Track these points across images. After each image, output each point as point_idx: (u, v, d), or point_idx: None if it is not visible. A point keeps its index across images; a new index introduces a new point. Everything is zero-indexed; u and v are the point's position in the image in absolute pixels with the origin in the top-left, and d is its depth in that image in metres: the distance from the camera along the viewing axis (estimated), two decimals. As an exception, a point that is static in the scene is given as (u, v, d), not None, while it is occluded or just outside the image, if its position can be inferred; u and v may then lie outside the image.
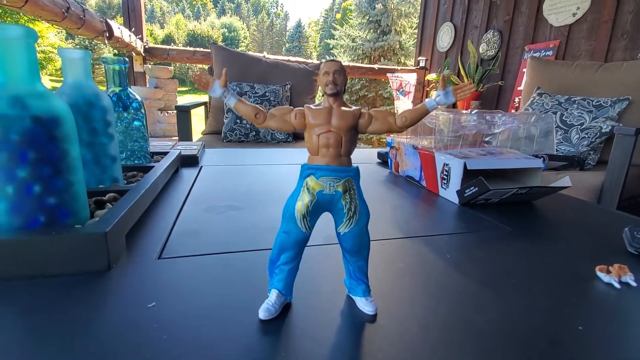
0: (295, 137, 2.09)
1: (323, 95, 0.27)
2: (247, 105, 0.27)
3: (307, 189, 0.26)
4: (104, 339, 0.25)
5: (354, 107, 0.27)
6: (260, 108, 0.27)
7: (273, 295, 0.28)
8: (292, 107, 0.27)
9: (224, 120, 1.97)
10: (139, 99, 0.66)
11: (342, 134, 0.25)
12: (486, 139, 0.75)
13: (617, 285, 0.35)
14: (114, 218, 0.36)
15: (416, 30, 4.45)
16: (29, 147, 0.33)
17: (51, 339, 0.25)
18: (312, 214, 0.26)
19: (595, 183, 1.36)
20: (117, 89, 0.63)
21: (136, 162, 0.66)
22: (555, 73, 1.94)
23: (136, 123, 0.65)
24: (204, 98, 2.41)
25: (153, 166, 0.61)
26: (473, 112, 0.66)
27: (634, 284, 0.35)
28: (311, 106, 0.26)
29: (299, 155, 1.01)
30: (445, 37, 3.62)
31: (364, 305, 0.29)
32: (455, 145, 0.67)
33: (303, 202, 0.26)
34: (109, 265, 0.34)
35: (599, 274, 0.37)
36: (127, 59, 0.64)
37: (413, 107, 0.26)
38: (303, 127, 0.26)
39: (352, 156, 0.27)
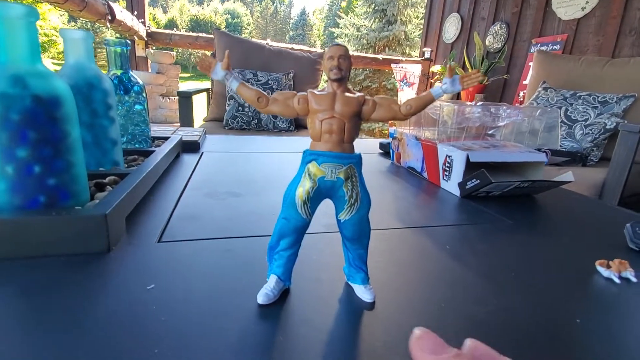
0: (297, 126, 2.08)
1: (327, 81, 0.26)
2: (250, 88, 0.26)
3: (309, 174, 0.25)
4: (103, 319, 0.25)
5: (358, 94, 0.26)
6: (263, 92, 0.26)
7: (272, 280, 0.28)
8: (295, 92, 0.26)
9: (226, 108, 1.96)
10: (141, 82, 0.65)
11: (345, 120, 0.25)
12: (490, 132, 0.74)
13: (616, 280, 0.35)
14: (114, 200, 0.36)
15: (422, 21, 4.39)
16: (29, 127, 0.33)
17: (50, 319, 0.25)
18: (313, 200, 0.26)
19: (597, 180, 1.36)
20: (118, 72, 0.62)
21: (137, 146, 0.66)
22: (561, 67, 1.91)
23: (137, 107, 0.64)
24: (207, 84, 2.40)
25: (154, 151, 0.61)
26: (478, 104, 0.66)
27: (634, 279, 0.35)
28: (315, 91, 0.26)
29: (300, 144, 1.01)
30: (451, 28, 3.57)
31: (363, 293, 0.29)
32: (458, 137, 0.66)
33: (304, 188, 0.26)
34: (109, 247, 0.34)
35: (599, 268, 0.37)
36: (129, 42, 0.63)
37: (418, 95, 0.26)
38: (306, 112, 0.26)
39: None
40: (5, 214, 0.33)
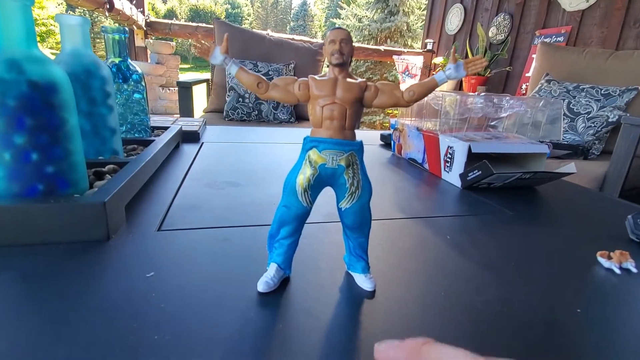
0: (298, 117, 2.07)
1: (328, 66, 0.26)
2: (250, 74, 0.26)
3: (309, 162, 0.25)
4: (102, 306, 0.25)
5: (359, 79, 0.26)
6: (263, 77, 0.26)
7: (272, 268, 0.28)
8: (295, 78, 0.26)
9: (226, 99, 1.94)
10: (140, 71, 0.65)
11: (346, 106, 0.25)
12: (492, 124, 0.74)
13: (617, 270, 0.35)
14: (113, 188, 0.35)
15: (425, 11, 4.34)
16: (25, 113, 0.33)
17: (49, 306, 0.25)
18: (314, 188, 0.26)
19: (598, 173, 1.35)
20: (116, 60, 0.62)
21: (136, 135, 0.65)
22: (565, 59, 1.90)
23: (136, 95, 0.64)
24: (207, 75, 2.38)
25: (153, 140, 0.60)
26: (480, 95, 0.65)
27: (634, 270, 0.35)
28: (316, 77, 0.25)
29: (301, 135, 1.00)
30: (454, 20, 3.53)
31: (363, 282, 0.29)
32: (460, 128, 0.66)
33: (304, 175, 0.25)
34: (108, 235, 0.34)
35: (599, 259, 0.36)
36: (127, 29, 0.62)
37: (421, 81, 0.26)
38: (307, 98, 0.25)
39: None
40: (4, 201, 0.32)
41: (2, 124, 0.32)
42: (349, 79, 0.25)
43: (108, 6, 2.39)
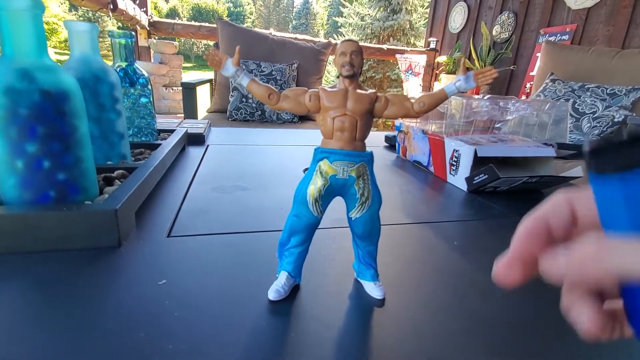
0: (301, 117, 2.07)
1: (338, 77, 0.26)
2: (261, 85, 0.26)
3: (320, 172, 0.25)
4: (116, 313, 0.25)
5: (369, 90, 0.26)
6: (274, 89, 0.26)
7: (282, 277, 0.28)
8: (306, 89, 0.26)
9: (230, 99, 1.95)
10: (146, 74, 0.65)
11: (357, 117, 0.25)
12: (497, 125, 0.74)
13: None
14: (124, 195, 0.36)
15: (428, 10, 4.32)
16: (37, 122, 0.33)
17: (64, 313, 0.25)
18: (324, 198, 0.26)
19: (604, 173, 1.35)
20: (123, 64, 0.62)
21: (143, 139, 0.66)
22: (570, 58, 1.88)
23: (143, 99, 0.64)
24: (209, 75, 2.38)
25: (160, 144, 0.61)
26: (486, 98, 0.65)
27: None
28: (326, 88, 0.26)
29: (305, 137, 1.00)
30: (457, 18, 3.51)
31: (372, 290, 0.29)
32: (466, 131, 0.66)
33: (315, 186, 0.26)
34: (119, 242, 0.34)
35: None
36: (133, 33, 0.63)
37: (431, 92, 0.26)
38: (317, 109, 0.26)
39: None
40: (17, 208, 0.33)
41: (15, 133, 0.33)
42: (359, 90, 0.25)
43: (112, 6, 2.40)
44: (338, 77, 0.26)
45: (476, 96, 0.68)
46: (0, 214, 0.31)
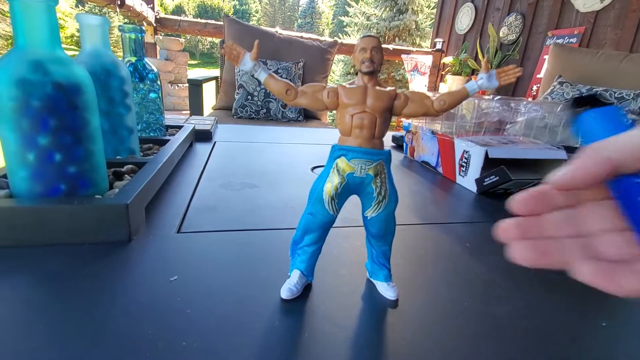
0: (306, 116, 2.06)
1: (357, 73, 0.26)
2: (279, 80, 0.26)
3: (337, 170, 0.25)
4: (128, 308, 0.25)
5: (389, 87, 0.25)
6: (292, 84, 0.26)
7: (295, 275, 0.28)
8: (324, 85, 0.26)
9: (235, 96, 1.95)
10: (155, 70, 0.65)
11: (376, 115, 0.24)
12: (507, 127, 0.73)
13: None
14: (135, 190, 0.36)
15: (434, 10, 4.30)
16: (50, 114, 0.33)
17: (76, 307, 0.25)
18: (340, 196, 0.26)
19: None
20: (133, 59, 0.62)
21: (151, 134, 0.66)
22: (578, 61, 1.87)
23: (152, 95, 0.64)
24: (215, 72, 2.38)
25: (169, 139, 0.61)
26: (496, 99, 0.64)
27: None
28: (345, 85, 0.25)
29: (310, 135, 1.00)
30: (464, 19, 3.49)
31: (386, 290, 0.29)
32: (477, 132, 0.65)
33: (332, 183, 0.25)
34: (130, 237, 0.34)
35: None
36: (143, 28, 0.62)
37: (451, 90, 0.25)
38: (335, 106, 0.25)
39: None
40: (27, 201, 0.33)
41: (27, 125, 0.32)
42: (378, 87, 0.25)
43: (119, 2, 2.40)
44: (356, 73, 0.26)
45: (486, 97, 0.68)
46: (12, 206, 0.31)
